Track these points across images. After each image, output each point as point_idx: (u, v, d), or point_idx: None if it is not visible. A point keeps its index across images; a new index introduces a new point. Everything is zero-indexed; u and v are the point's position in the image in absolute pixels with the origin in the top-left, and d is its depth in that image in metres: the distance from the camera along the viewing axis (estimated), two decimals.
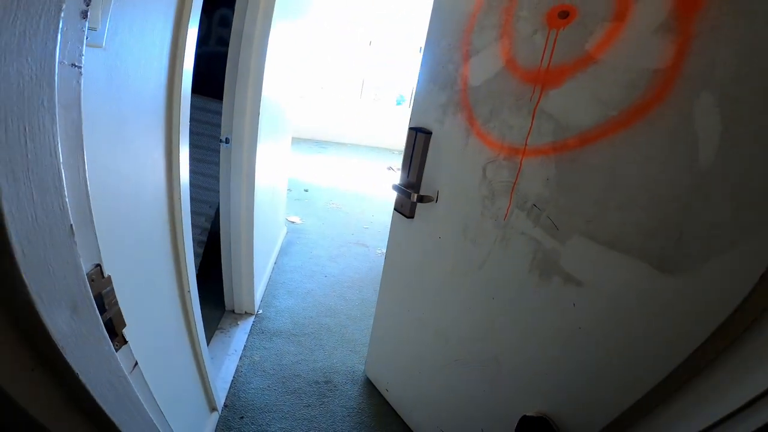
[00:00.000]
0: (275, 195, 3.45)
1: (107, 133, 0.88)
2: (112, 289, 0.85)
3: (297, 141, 8.98)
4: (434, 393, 1.88)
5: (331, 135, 9.90)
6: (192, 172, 2.97)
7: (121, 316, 0.89)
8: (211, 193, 3.07)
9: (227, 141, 2.32)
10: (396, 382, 2.20)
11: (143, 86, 1.02)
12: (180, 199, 1.30)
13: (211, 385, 1.89)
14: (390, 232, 1.99)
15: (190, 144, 2.94)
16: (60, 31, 0.47)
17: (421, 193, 1.69)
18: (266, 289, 3.26)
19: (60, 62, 0.49)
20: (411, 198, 1.65)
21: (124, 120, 0.95)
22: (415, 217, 1.78)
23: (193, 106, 2.91)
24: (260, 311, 2.97)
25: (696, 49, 0.88)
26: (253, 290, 2.83)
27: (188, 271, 1.45)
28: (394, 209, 1.88)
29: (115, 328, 0.87)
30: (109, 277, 0.84)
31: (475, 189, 1.45)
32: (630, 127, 1.00)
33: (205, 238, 3.08)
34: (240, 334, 2.69)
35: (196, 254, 3.00)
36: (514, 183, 1.30)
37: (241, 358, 2.49)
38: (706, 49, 0.87)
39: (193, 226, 3.00)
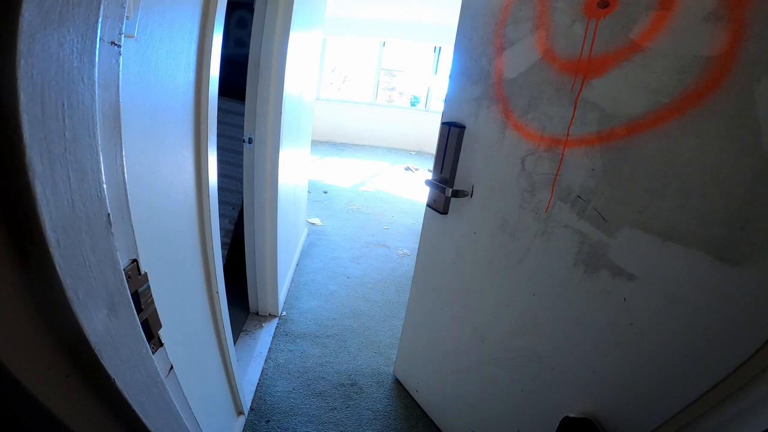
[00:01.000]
0: (297, 196, 3.43)
1: (140, 125, 0.85)
2: (149, 287, 0.82)
3: (315, 143, 9.00)
4: (468, 393, 1.82)
5: (348, 136, 9.90)
6: None
7: (157, 316, 0.86)
8: (235, 195, 3.05)
9: (250, 141, 2.30)
10: (427, 382, 2.14)
11: (172, 82, 0.99)
12: (209, 197, 1.27)
13: (238, 388, 1.86)
14: (423, 229, 1.94)
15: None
16: (102, 3, 0.43)
17: (456, 188, 1.64)
18: (289, 290, 3.23)
19: (101, 38, 0.46)
20: (445, 193, 1.60)
21: (155, 114, 0.92)
22: (449, 213, 1.73)
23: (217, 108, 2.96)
24: (284, 313, 2.94)
25: (752, 36, 0.85)
26: (277, 292, 2.81)
27: (216, 271, 1.42)
28: (427, 205, 1.83)
29: (151, 330, 0.84)
30: (146, 273, 0.81)
31: (514, 182, 1.39)
32: (684, 114, 0.95)
33: (228, 240, 3.07)
34: (264, 336, 2.66)
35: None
36: (556, 174, 1.24)
37: (266, 360, 2.46)
38: (761, 36, 0.84)
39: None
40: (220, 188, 3.00)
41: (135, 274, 0.77)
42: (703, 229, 0.94)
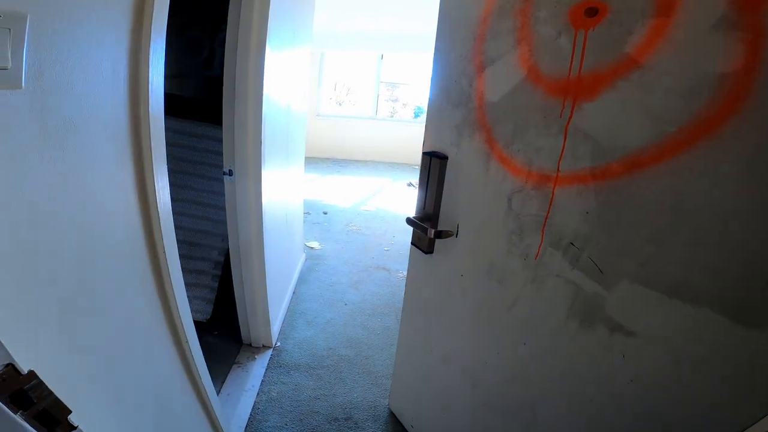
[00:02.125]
0: (290, 222, 3.32)
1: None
2: (39, 381, 0.68)
3: (316, 161, 8.87)
4: None
5: (349, 153, 9.76)
6: (198, 203, 2.85)
7: (60, 403, 0.72)
8: (222, 226, 2.93)
9: (230, 173, 2.17)
10: (421, 418, 1.99)
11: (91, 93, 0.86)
12: (161, 234, 1.14)
13: (225, 425, 1.77)
14: (408, 266, 1.80)
15: (195, 174, 2.85)
16: None
17: (440, 227, 1.48)
18: (284, 319, 3.13)
19: None
20: (428, 234, 1.44)
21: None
22: (434, 252, 1.57)
23: (196, 134, 2.84)
24: (278, 344, 2.84)
25: None
26: (269, 323, 2.70)
27: (182, 319, 1.29)
28: (412, 243, 1.68)
29: (55, 417, 0.71)
30: (32, 372, 0.67)
31: (501, 223, 1.23)
32: (693, 147, 0.78)
33: (219, 272, 2.95)
34: (258, 369, 2.58)
35: (210, 288, 2.87)
36: (546, 216, 1.08)
37: (258, 393, 2.37)
38: None
39: (206, 260, 2.88)
40: (205, 218, 2.88)
41: (13, 376, 0.64)
42: (717, 286, 0.78)
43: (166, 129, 1.14)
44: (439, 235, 1.44)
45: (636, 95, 0.87)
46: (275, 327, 2.86)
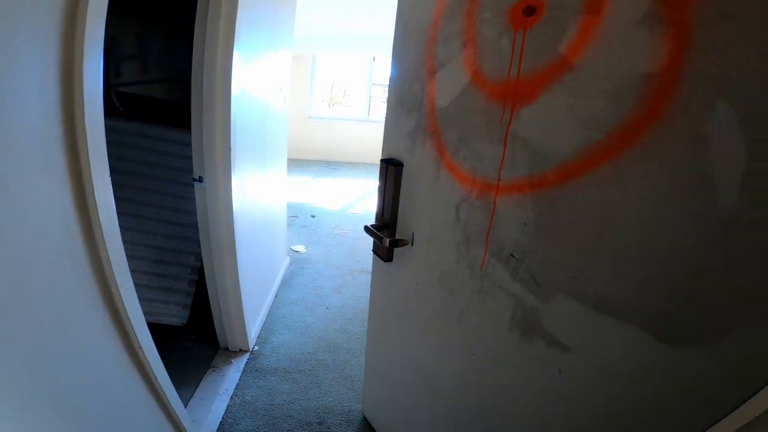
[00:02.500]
0: (270, 226, 3.29)
1: None
2: None
3: (307, 163, 8.81)
4: None
5: (342, 155, 9.69)
6: (173, 209, 2.81)
7: None
8: (196, 231, 2.89)
9: (200, 180, 2.14)
10: (390, 424, 1.97)
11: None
12: (106, 247, 1.12)
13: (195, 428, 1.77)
14: (372, 273, 1.80)
15: (169, 180, 2.81)
16: None
17: (397, 236, 1.45)
18: (264, 323, 3.11)
19: None
20: (383, 243, 1.41)
21: None
22: (393, 260, 1.53)
23: (169, 140, 2.80)
24: (256, 348, 2.82)
25: (700, 45, 0.63)
26: (245, 328, 2.68)
27: (134, 326, 1.27)
28: (372, 250, 1.64)
29: None
30: None
31: (450, 232, 1.19)
32: (620, 155, 0.74)
33: (196, 277, 2.91)
34: (233, 373, 2.56)
35: (185, 293, 2.84)
36: (489, 227, 1.04)
37: (231, 397, 2.34)
38: (713, 44, 0.61)
39: (182, 265, 2.84)
40: (179, 224, 2.84)
41: None
42: (641, 302, 0.74)
43: (138, 134, 1.11)
44: (395, 244, 1.40)
45: (568, 98, 0.83)
46: (253, 331, 2.84)
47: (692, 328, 0.69)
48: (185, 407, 1.88)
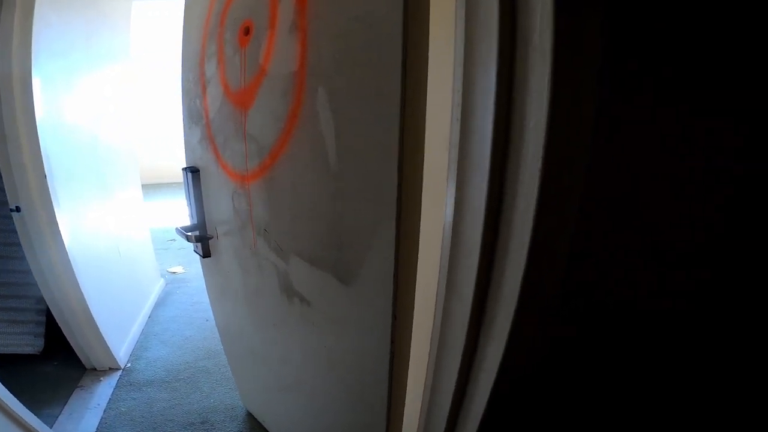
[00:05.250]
0: (127, 252, 3.21)
1: None
2: None
3: (168, 186, 8.39)
4: (297, 414, 1.77)
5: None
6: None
7: None
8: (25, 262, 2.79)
9: (18, 209, 2.11)
10: (264, 407, 2.09)
11: None
12: None
13: None
14: (202, 270, 1.92)
15: None
16: None
17: (208, 233, 1.61)
18: (138, 341, 3.07)
19: None
20: (189, 240, 1.56)
21: None
22: (212, 255, 1.69)
23: None
24: (128, 365, 2.77)
25: (311, 44, 0.87)
26: (108, 348, 2.63)
27: None
28: (194, 251, 1.79)
29: None
30: None
31: (233, 221, 1.39)
32: (292, 136, 0.98)
33: (44, 306, 2.81)
34: (104, 389, 2.52)
35: (36, 323, 2.74)
36: (250, 211, 1.25)
37: (105, 410, 2.31)
38: (315, 42, 0.86)
39: (23, 297, 2.70)
40: (11, 257, 2.69)
41: None
42: (323, 251, 0.98)
43: None
44: (200, 239, 1.57)
45: (267, 98, 1.05)
46: (121, 350, 2.79)
47: (346, 266, 0.92)
48: (53, 424, 1.90)
